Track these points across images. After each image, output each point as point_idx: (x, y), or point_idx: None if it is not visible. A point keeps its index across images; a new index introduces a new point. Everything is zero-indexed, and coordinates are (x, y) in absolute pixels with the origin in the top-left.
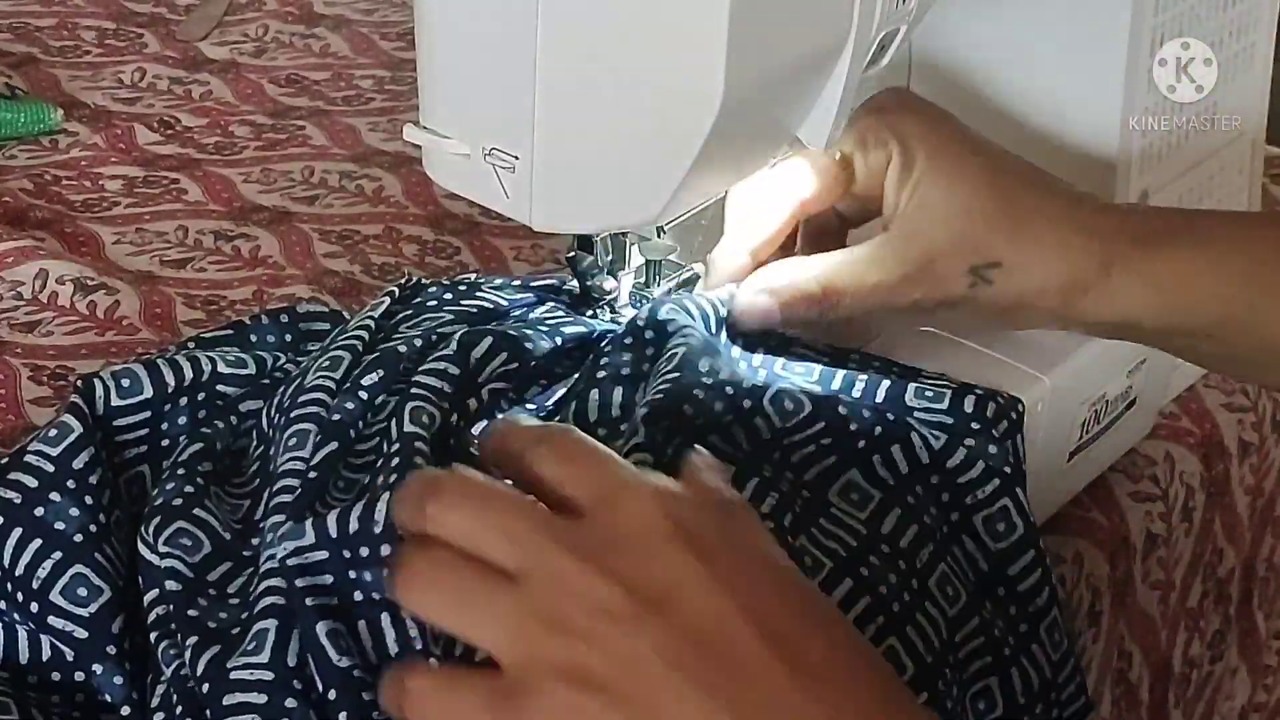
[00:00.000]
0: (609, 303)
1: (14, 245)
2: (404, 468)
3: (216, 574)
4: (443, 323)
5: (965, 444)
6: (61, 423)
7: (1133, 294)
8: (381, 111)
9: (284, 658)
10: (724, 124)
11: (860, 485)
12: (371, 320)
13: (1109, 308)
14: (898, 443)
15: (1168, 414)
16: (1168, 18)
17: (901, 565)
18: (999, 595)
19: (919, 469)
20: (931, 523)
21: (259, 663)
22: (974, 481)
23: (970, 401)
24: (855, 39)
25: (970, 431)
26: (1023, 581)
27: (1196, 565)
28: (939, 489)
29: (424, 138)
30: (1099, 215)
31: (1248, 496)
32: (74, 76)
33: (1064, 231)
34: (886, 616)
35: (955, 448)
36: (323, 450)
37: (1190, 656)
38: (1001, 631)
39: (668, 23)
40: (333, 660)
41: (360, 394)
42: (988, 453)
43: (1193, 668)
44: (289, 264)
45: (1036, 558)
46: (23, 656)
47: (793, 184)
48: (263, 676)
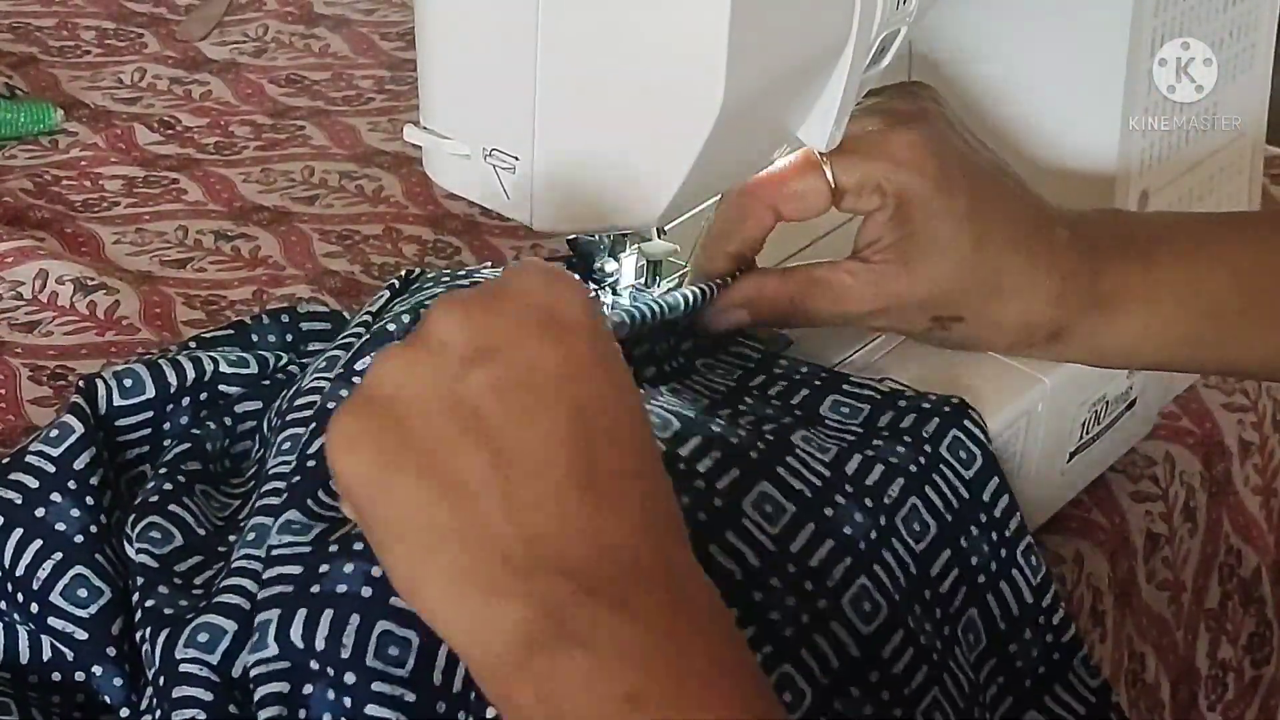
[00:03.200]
0: (610, 285)
1: (14, 245)
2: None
3: (184, 566)
4: (430, 296)
5: (865, 451)
6: (63, 423)
7: (1079, 354)
8: (381, 111)
9: (233, 663)
10: (725, 125)
11: (774, 497)
12: (370, 316)
13: (1059, 357)
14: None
15: (1167, 414)
16: (1168, 18)
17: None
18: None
19: (829, 482)
20: (853, 533)
21: (209, 661)
22: (878, 484)
23: (888, 411)
24: (856, 40)
25: (871, 436)
26: (942, 583)
27: (1209, 566)
28: (854, 496)
29: (424, 138)
30: (1070, 279)
31: (1258, 497)
32: (74, 76)
33: (1032, 302)
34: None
35: (851, 455)
36: (319, 439)
37: (1222, 659)
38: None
39: (669, 23)
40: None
41: (353, 379)
42: (891, 453)
43: (1227, 670)
44: (289, 264)
45: (952, 557)
46: (23, 657)
47: (776, 194)
48: (210, 676)
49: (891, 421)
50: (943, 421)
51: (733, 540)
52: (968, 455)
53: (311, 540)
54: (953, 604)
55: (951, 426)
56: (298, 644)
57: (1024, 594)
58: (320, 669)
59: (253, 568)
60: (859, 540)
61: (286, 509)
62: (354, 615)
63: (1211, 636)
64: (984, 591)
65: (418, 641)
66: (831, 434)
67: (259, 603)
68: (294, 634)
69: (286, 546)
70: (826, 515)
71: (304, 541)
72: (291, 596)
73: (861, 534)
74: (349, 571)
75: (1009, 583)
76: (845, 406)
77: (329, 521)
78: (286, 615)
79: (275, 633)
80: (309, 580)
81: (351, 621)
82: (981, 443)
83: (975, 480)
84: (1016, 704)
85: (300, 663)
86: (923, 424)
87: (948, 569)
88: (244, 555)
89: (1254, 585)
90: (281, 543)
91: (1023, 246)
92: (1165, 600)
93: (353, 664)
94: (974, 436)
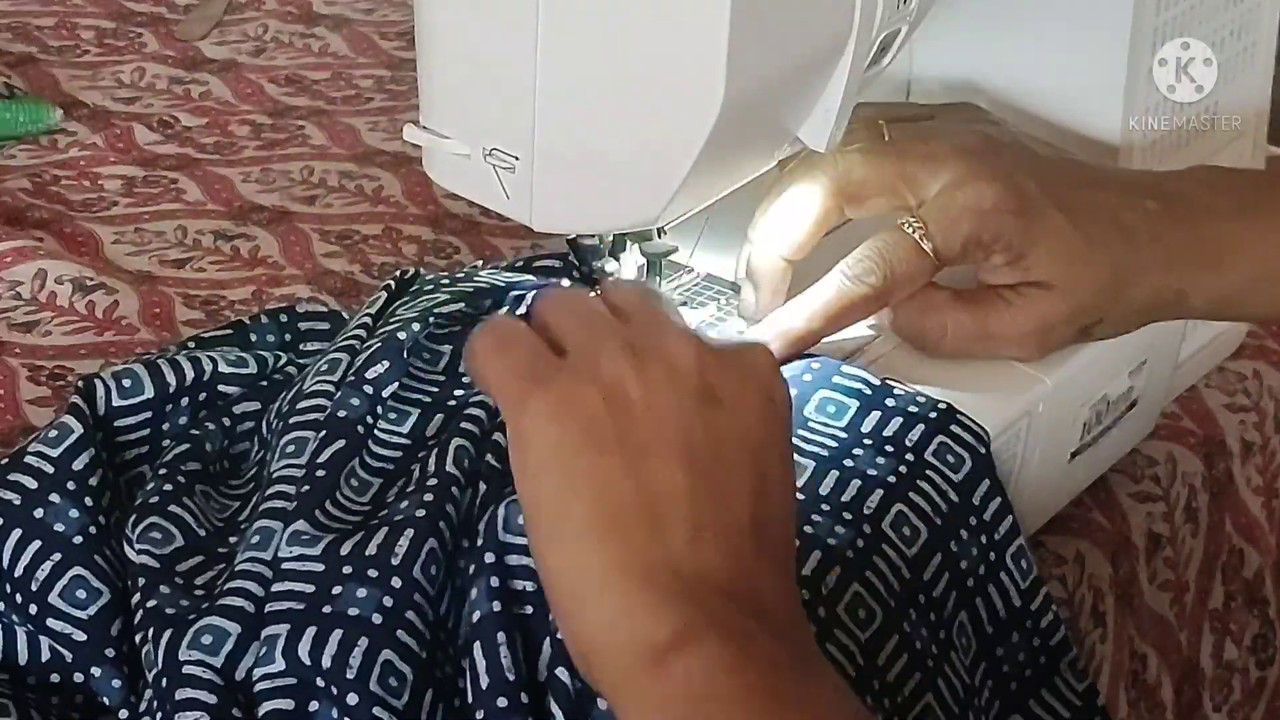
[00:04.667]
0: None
1: (13, 245)
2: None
3: (186, 566)
4: (439, 302)
5: (842, 464)
6: (61, 424)
7: (1207, 310)
8: (381, 111)
9: (236, 666)
10: (725, 124)
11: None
12: (369, 317)
13: (1193, 315)
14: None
15: (1169, 414)
16: (1168, 18)
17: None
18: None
19: (802, 506)
20: (838, 544)
21: (212, 664)
22: (854, 499)
23: (874, 411)
24: (856, 39)
25: (852, 444)
26: (935, 587)
27: (1212, 567)
28: (829, 513)
29: (424, 138)
30: (1173, 243)
31: (1259, 498)
32: (73, 76)
33: (1150, 274)
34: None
35: (826, 472)
36: (330, 448)
37: (1227, 660)
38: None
39: (669, 23)
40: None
41: (365, 388)
42: (870, 465)
43: (1232, 672)
44: (289, 264)
45: (942, 561)
46: (22, 658)
47: (897, 299)
48: (214, 679)
49: (875, 427)
50: (928, 428)
51: None
52: (955, 459)
53: (321, 553)
54: (945, 608)
55: (937, 433)
56: (305, 661)
57: (1012, 597)
58: (326, 687)
59: (257, 570)
60: (845, 550)
61: (295, 519)
62: (363, 638)
63: (1216, 638)
64: (973, 595)
65: (412, 680)
66: (811, 444)
67: (267, 615)
68: (302, 651)
69: (296, 560)
70: (807, 532)
71: (314, 555)
72: (302, 614)
73: (847, 543)
74: (362, 596)
75: (997, 586)
76: (832, 405)
77: (337, 533)
78: (295, 631)
79: (284, 648)
80: (321, 600)
81: (360, 644)
82: (971, 446)
83: (964, 484)
84: (1003, 708)
85: (307, 680)
86: (906, 431)
87: (939, 573)
88: (249, 558)
89: (1258, 586)
90: (291, 555)
91: (1123, 228)
92: (1167, 601)
93: (357, 685)
94: (962, 440)
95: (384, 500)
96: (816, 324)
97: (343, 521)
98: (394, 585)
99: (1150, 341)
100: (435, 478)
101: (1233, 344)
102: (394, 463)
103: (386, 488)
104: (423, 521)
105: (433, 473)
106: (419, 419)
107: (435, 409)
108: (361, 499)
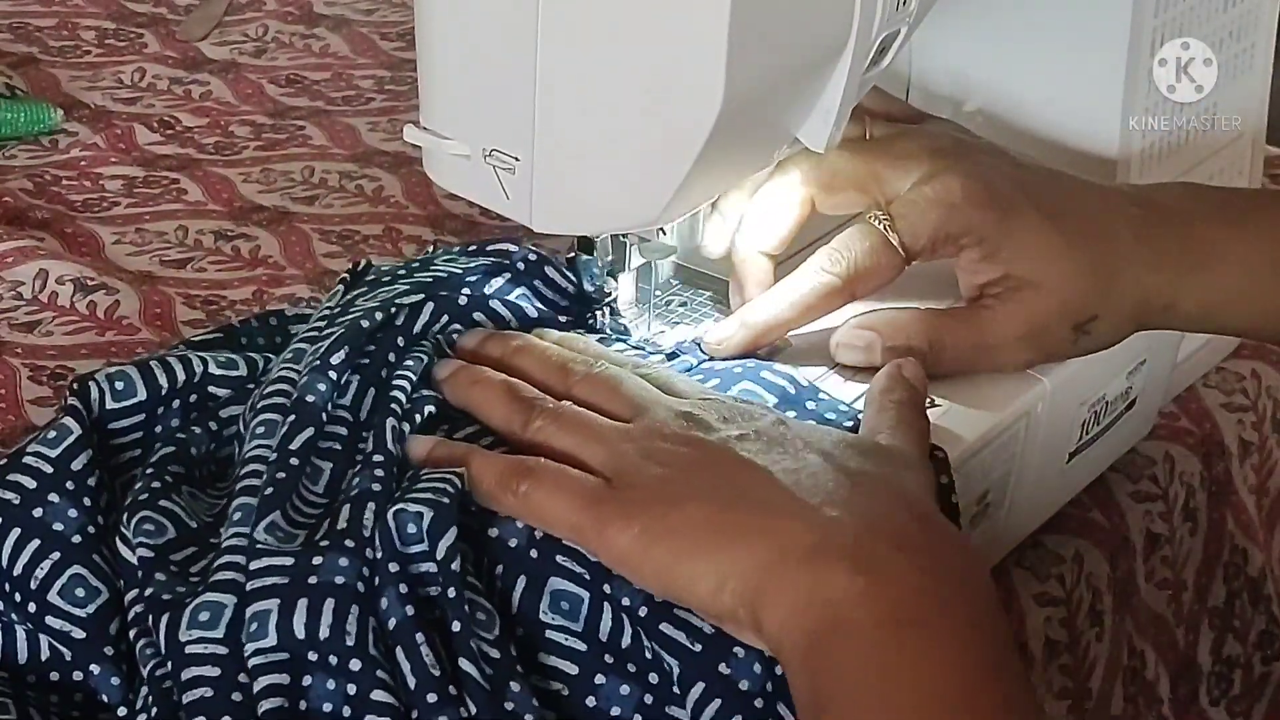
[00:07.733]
0: (610, 304)
1: (14, 245)
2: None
3: (180, 556)
4: (399, 293)
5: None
6: (60, 424)
7: (1197, 318)
8: (381, 111)
9: (238, 635)
10: (725, 125)
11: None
12: (329, 310)
13: (1184, 326)
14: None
15: (1167, 414)
16: (1168, 18)
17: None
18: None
19: None
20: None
21: (213, 637)
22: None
23: (787, 416)
24: (856, 40)
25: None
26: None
27: (1212, 565)
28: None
29: (424, 138)
30: (1159, 245)
31: (1253, 496)
32: (74, 76)
33: (1139, 274)
34: None
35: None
36: (300, 435)
37: (1227, 656)
38: None
39: (668, 23)
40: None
41: (330, 373)
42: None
43: (1233, 667)
44: (289, 264)
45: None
46: (21, 656)
47: (856, 287)
48: (216, 650)
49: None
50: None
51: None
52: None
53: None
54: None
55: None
56: (299, 634)
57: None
58: (320, 660)
59: (243, 545)
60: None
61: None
62: (354, 605)
63: (1216, 634)
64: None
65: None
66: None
67: (250, 592)
68: (296, 624)
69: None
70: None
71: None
72: (287, 587)
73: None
74: (344, 565)
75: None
76: (753, 398)
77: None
78: (287, 605)
79: (276, 622)
80: (305, 571)
81: (353, 611)
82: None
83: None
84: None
85: (299, 654)
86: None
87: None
88: (234, 534)
89: (1261, 583)
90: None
91: (1105, 229)
92: (1165, 599)
93: (358, 652)
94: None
95: (338, 489)
96: (782, 313)
97: (312, 518)
98: (369, 555)
99: (1148, 342)
100: (380, 454)
101: (1231, 344)
102: (341, 442)
103: (338, 474)
104: (380, 495)
105: (372, 450)
106: (355, 392)
107: (367, 383)
108: (316, 488)
